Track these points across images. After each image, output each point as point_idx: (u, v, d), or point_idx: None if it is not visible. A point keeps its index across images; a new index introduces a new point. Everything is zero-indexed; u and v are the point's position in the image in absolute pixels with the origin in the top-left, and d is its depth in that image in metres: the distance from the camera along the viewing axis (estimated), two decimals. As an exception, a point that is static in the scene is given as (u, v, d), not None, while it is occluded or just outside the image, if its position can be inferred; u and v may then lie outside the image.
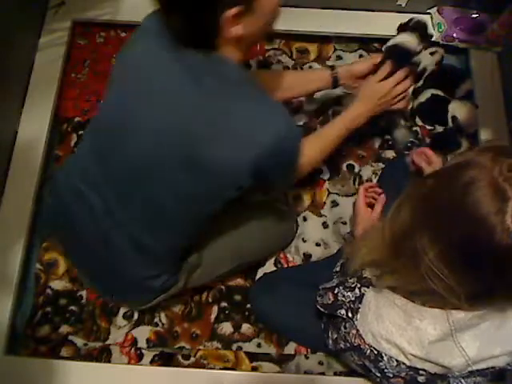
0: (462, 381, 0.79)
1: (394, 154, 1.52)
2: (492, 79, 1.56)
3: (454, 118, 1.53)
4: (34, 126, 1.44)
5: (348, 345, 0.83)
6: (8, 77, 1.41)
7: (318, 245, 1.41)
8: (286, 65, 1.66)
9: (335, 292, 0.88)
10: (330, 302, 0.88)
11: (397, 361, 0.77)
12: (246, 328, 1.34)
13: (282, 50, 1.69)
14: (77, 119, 1.56)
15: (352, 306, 0.83)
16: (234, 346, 1.32)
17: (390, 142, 1.53)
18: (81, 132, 1.54)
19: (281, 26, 1.64)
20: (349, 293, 0.86)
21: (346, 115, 1.12)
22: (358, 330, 0.81)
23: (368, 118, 1.14)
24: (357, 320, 0.82)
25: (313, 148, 1.06)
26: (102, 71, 1.63)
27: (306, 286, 1.01)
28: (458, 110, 1.53)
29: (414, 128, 1.56)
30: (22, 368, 1.17)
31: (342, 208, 1.47)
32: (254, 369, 1.30)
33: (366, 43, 1.69)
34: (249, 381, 1.19)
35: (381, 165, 1.50)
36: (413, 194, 0.72)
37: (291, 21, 1.61)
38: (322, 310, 0.91)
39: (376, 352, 0.79)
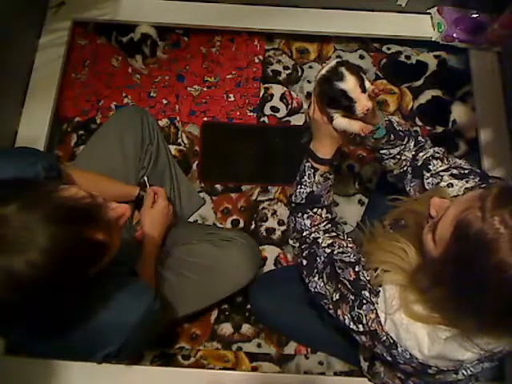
0: (471, 368, 0.79)
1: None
2: (492, 79, 1.56)
3: (454, 121, 1.54)
4: (33, 126, 1.44)
5: (362, 328, 0.82)
6: (8, 77, 1.40)
7: (318, 245, 1.40)
8: (285, 65, 1.66)
9: (356, 270, 0.85)
10: (351, 278, 0.85)
11: (410, 354, 0.78)
12: (246, 328, 1.34)
13: (281, 50, 1.69)
14: (77, 119, 1.56)
15: (371, 287, 0.83)
16: (234, 347, 1.32)
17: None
18: (81, 132, 1.54)
19: (281, 25, 1.68)
20: (368, 273, 0.85)
21: (145, 253, 1.13)
22: (377, 316, 0.80)
23: (161, 237, 1.19)
24: (377, 304, 0.81)
25: None
26: (102, 71, 1.63)
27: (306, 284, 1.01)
28: (458, 113, 1.54)
29: (414, 128, 1.57)
30: (22, 368, 1.16)
31: (342, 208, 1.47)
32: (254, 369, 1.30)
33: (365, 43, 1.69)
34: (249, 381, 1.19)
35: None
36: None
37: (291, 21, 1.61)
38: (346, 284, 0.85)
39: (392, 341, 0.79)
